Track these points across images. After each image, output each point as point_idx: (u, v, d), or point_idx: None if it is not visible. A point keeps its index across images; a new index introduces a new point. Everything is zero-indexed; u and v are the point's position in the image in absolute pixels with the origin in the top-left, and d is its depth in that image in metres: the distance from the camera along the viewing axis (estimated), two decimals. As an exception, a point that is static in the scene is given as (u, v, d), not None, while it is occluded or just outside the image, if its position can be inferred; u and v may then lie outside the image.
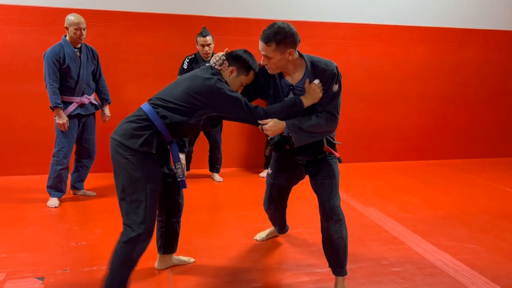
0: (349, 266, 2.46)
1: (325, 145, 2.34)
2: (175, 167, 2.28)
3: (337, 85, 2.18)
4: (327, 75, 2.16)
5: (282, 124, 2.17)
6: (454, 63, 5.89)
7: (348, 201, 4.08)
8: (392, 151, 5.89)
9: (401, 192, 4.49)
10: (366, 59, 5.53)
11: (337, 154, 2.36)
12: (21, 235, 3.09)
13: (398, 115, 5.82)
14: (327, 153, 2.36)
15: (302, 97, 2.20)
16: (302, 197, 3.97)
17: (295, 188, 2.88)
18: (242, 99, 2.15)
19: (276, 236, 3.23)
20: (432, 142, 6.04)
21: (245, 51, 2.29)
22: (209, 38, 4.27)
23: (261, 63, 2.20)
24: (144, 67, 4.80)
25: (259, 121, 2.17)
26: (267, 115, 2.18)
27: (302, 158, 2.42)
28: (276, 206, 2.86)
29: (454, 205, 4.10)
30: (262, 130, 2.19)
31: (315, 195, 2.40)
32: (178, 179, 2.31)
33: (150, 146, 2.09)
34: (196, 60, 4.37)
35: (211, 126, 2.29)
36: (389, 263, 2.85)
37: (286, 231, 3.17)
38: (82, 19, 3.59)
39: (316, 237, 3.12)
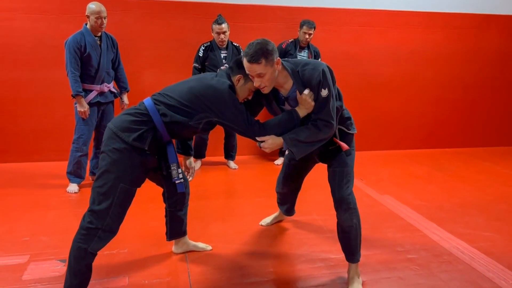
0: (363, 253, 2.48)
1: (336, 137, 2.34)
2: (171, 168, 2.27)
3: (326, 89, 2.12)
4: (313, 84, 2.12)
5: (280, 140, 2.19)
6: (472, 50, 5.79)
7: (363, 188, 4.08)
8: (408, 139, 5.85)
9: (417, 180, 4.47)
10: (382, 46, 5.47)
11: (345, 147, 2.33)
12: (43, 219, 3.19)
13: (414, 102, 5.76)
14: (338, 144, 2.36)
15: (297, 109, 2.19)
16: (318, 184, 3.98)
17: (311, 175, 2.90)
18: (245, 112, 2.15)
19: (281, 220, 3.25)
20: (449, 130, 5.97)
21: None
22: (224, 26, 4.27)
23: (255, 85, 2.15)
24: (160, 55, 4.83)
25: (257, 138, 2.19)
26: (265, 132, 2.17)
27: (315, 150, 2.42)
28: (290, 186, 2.88)
29: (471, 193, 4.07)
30: (260, 147, 2.21)
31: (330, 182, 2.42)
32: (176, 182, 2.30)
33: (144, 142, 2.08)
34: (212, 48, 4.38)
35: (210, 129, 2.28)
36: (404, 250, 2.85)
37: (293, 214, 3.17)
38: (103, 8, 3.62)
39: (331, 224, 3.15)
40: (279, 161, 4.94)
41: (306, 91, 2.14)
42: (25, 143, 4.65)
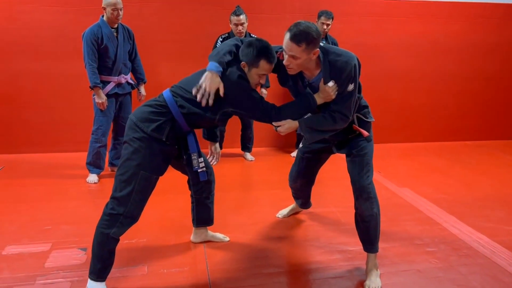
0: (381, 245, 2.46)
1: (355, 124, 2.32)
2: (191, 158, 2.31)
3: (352, 84, 2.11)
4: (343, 78, 2.09)
5: (296, 124, 2.20)
6: (495, 40, 5.64)
7: (382, 181, 4.04)
8: (428, 131, 5.76)
9: (437, 173, 4.40)
10: (402, 37, 5.38)
11: (365, 133, 2.32)
12: (64, 209, 3.25)
13: (434, 94, 5.66)
14: (357, 132, 2.34)
15: (315, 95, 2.18)
16: (335, 177, 3.97)
17: (328, 168, 2.87)
18: (260, 99, 2.17)
19: (297, 212, 3.25)
20: (469, 122, 5.86)
21: (254, 42, 2.15)
22: (242, 17, 4.25)
23: (284, 63, 2.12)
24: (177, 47, 4.85)
25: (273, 123, 2.20)
26: (281, 117, 2.19)
27: (333, 139, 2.42)
28: (302, 180, 2.85)
29: (492, 186, 3.99)
30: (276, 130, 2.23)
31: (348, 175, 2.39)
32: (198, 171, 2.34)
33: (162, 132, 2.12)
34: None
35: (226, 119, 2.31)
36: (423, 243, 2.82)
37: (309, 207, 3.16)
38: (119, -1, 3.65)
39: (348, 216, 3.12)
40: (295, 153, 4.92)
41: (331, 84, 2.12)
42: (46, 134, 4.73)
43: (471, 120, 5.85)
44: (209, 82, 2.07)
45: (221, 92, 2.08)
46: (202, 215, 2.66)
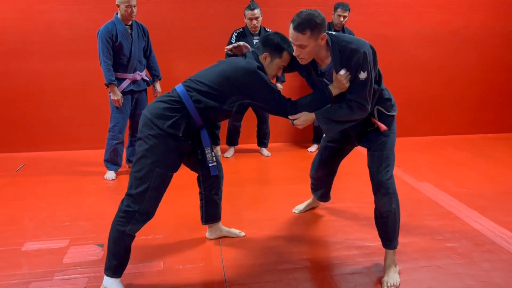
0: (400, 241, 2.41)
1: (374, 117, 2.27)
2: (205, 152, 2.31)
3: (364, 72, 2.05)
4: (352, 65, 2.05)
5: (312, 116, 2.18)
6: (518, 29, 5.47)
7: (401, 176, 3.96)
8: (449, 124, 5.63)
9: (458, 167, 4.29)
10: (421, 28, 5.25)
11: (383, 128, 2.26)
12: (82, 205, 3.29)
13: (455, 86, 5.52)
14: (376, 125, 2.29)
15: (330, 86, 2.17)
16: (353, 172, 3.92)
17: (346, 163, 2.82)
18: (276, 91, 2.17)
19: (314, 208, 3.21)
20: (492, 115, 5.70)
21: (275, 34, 2.25)
22: (257, 11, 4.22)
23: (293, 54, 2.12)
24: (192, 43, 4.84)
25: (289, 116, 2.19)
26: (297, 110, 2.18)
27: (352, 131, 2.38)
28: (324, 170, 2.81)
29: (516, 180, 3.88)
30: (293, 123, 2.21)
31: (366, 170, 2.35)
32: (210, 165, 2.33)
33: (178, 128, 2.12)
34: (244, 34, 4.34)
35: (243, 113, 2.32)
36: (444, 238, 2.75)
37: (328, 200, 3.10)
38: (132, -4, 3.65)
39: (366, 211, 3.08)
40: (313, 148, 4.88)
41: (342, 72, 2.09)
42: (64, 132, 4.79)
43: (492, 112, 5.70)
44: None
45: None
46: (211, 211, 2.65)
